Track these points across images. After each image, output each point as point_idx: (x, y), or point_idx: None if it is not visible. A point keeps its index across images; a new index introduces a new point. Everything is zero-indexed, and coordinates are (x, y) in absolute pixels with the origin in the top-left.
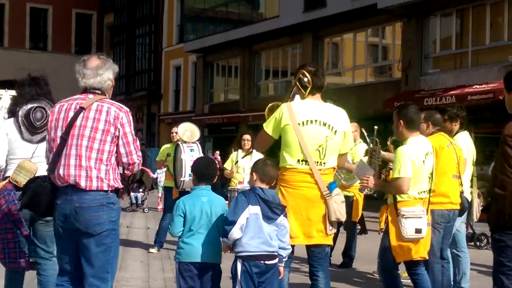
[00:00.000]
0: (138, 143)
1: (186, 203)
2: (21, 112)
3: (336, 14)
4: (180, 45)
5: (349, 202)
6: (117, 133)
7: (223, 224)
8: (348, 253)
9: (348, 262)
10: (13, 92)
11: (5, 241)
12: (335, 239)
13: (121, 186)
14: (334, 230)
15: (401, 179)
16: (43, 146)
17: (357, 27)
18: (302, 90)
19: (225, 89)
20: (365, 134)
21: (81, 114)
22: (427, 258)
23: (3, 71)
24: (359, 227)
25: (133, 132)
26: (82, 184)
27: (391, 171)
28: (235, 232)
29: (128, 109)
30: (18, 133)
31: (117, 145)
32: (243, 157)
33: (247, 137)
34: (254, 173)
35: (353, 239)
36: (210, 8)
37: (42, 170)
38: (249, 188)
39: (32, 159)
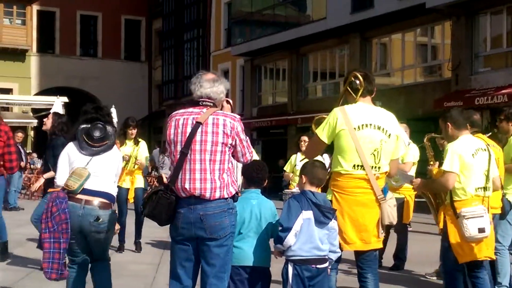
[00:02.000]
0: (249, 141)
1: (236, 206)
2: (80, 130)
3: (384, 14)
4: (228, 49)
5: (400, 204)
6: (233, 142)
7: (276, 230)
8: (400, 256)
9: (399, 264)
10: (65, 99)
11: (52, 251)
12: (385, 241)
13: (237, 190)
14: (384, 234)
15: (447, 174)
16: (98, 161)
17: (405, 27)
18: (353, 94)
19: (273, 92)
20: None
21: (199, 129)
22: (494, 258)
23: (55, 78)
24: (410, 228)
25: (245, 134)
26: (207, 195)
27: (433, 167)
28: (290, 239)
29: (239, 117)
30: (78, 150)
31: (235, 146)
32: (302, 159)
33: (304, 138)
34: (303, 176)
35: (404, 241)
36: (257, 12)
37: (96, 184)
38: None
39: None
